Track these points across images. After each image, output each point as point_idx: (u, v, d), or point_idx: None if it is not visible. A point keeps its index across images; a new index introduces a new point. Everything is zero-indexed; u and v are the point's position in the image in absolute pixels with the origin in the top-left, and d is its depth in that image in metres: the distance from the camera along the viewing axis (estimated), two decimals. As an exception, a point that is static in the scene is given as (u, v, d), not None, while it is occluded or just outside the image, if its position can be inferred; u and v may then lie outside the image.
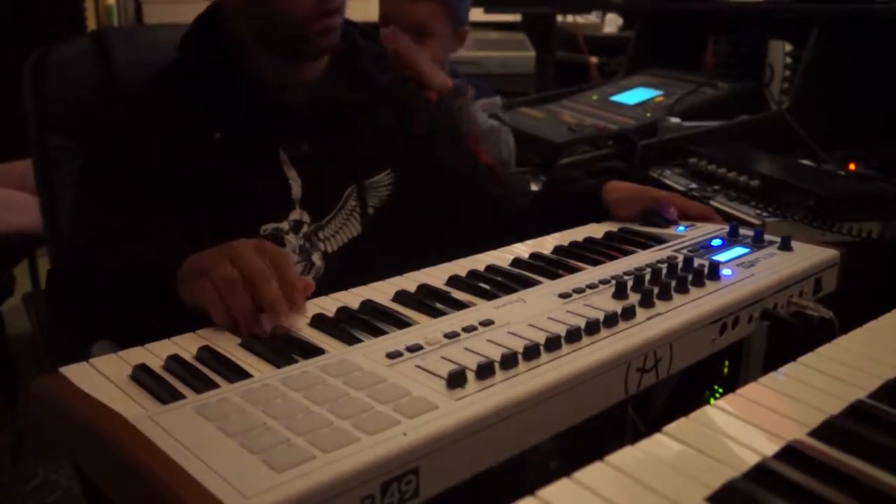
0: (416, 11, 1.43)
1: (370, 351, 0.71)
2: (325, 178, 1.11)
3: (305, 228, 1.09)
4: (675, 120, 1.78)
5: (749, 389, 0.63)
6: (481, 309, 0.82)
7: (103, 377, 0.68)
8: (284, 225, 1.08)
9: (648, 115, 1.89)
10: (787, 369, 0.68)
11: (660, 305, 0.82)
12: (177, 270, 0.86)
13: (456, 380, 0.64)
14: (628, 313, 0.79)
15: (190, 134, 1.05)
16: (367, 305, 0.84)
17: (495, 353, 0.69)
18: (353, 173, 1.14)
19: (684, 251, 1.01)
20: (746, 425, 0.58)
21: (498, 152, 1.40)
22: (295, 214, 1.09)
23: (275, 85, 1.11)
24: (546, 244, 1.06)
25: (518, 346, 0.71)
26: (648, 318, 0.79)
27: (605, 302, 0.83)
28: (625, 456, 0.53)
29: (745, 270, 0.93)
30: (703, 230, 1.11)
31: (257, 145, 1.08)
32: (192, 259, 0.85)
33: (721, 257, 0.98)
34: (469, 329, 0.76)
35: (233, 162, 1.06)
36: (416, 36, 1.44)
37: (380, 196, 1.16)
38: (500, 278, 0.92)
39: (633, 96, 2.08)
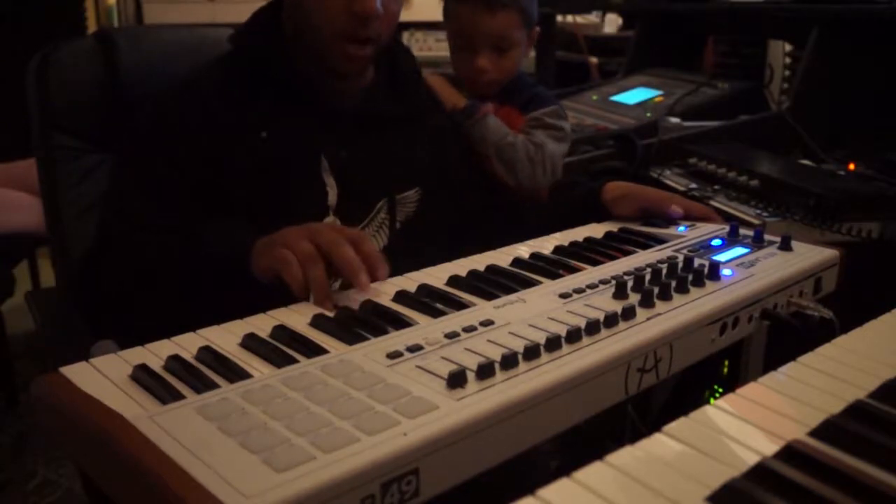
0: (496, 23, 1.39)
1: (370, 351, 0.71)
2: (360, 188, 1.12)
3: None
4: (675, 120, 1.78)
5: (749, 389, 0.63)
6: (481, 309, 0.82)
7: (103, 377, 0.68)
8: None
9: (648, 115, 1.89)
10: (787, 369, 0.68)
11: (660, 305, 0.82)
12: (235, 250, 0.90)
13: (456, 380, 0.64)
14: (628, 313, 0.79)
15: (237, 130, 1.06)
16: (367, 305, 0.84)
17: (495, 354, 0.69)
18: (387, 187, 1.15)
19: (684, 251, 1.01)
20: (746, 425, 0.58)
21: (512, 170, 1.37)
22: (328, 220, 1.09)
23: (322, 90, 1.11)
24: (546, 244, 1.06)
25: (518, 346, 0.71)
26: (648, 319, 0.79)
27: (605, 302, 0.84)
28: (625, 456, 0.53)
29: (745, 270, 0.93)
30: (703, 230, 1.11)
31: (301, 148, 1.08)
32: (267, 238, 0.89)
33: (721, 257, 0.98)
34: (469, 329, 0.76)
35: (275, 162, 1.06)
36: (496, 49, 1.43)
37: (407, 212, 1.17)
38: (500, 278, 0.92)
39: (633, 96, 2.08)
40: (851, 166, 1.56)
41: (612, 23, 3.45)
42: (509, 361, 0.68)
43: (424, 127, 1.22)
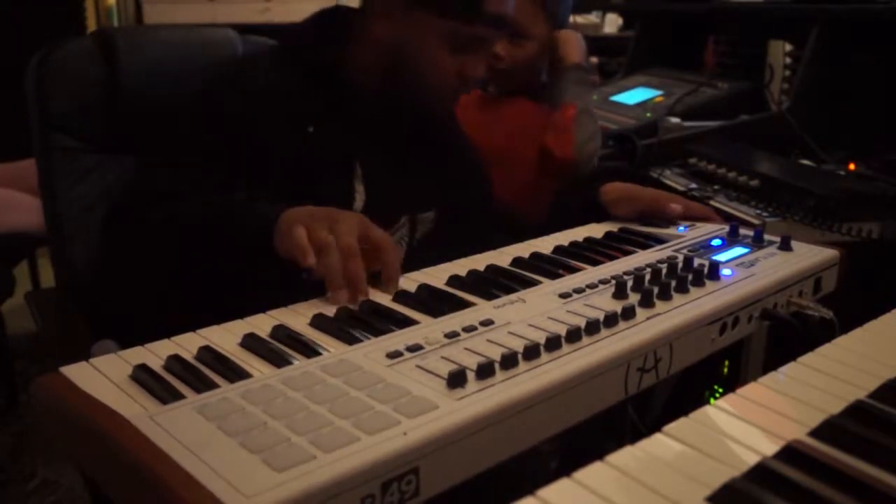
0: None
1: (370, 351, 0.71)
2: (386, 201, 1.13)
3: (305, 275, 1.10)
4: (675, 120, 1.78)
5: (749, 389, 0.64)
6: (481, 309, 0.82)
7: (103, 377, 0.68)
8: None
9: (648, 115, 1.89)
10: (787, 369, 0.68)
11: (660, 305, 0.82)
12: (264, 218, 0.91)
13: (456, 380, 0.64)
14: (628, 313, 0.79)
15: (285, 120, 1.08)
16: (367, 305, 0.84)
17: (495, 353, 0.69)
18: (410, 205, 1.17)
19: (684, 251, 1.01)
20: (746, 425, 0.58)
21: (582, 133, 1.42)
22: None
23: (368, 100, 1.14)
24: (546, 244, 1.06)
25: (518, 346, 0.71)
26: (648, 318, 0.79)
27: (605, 302, 0.83)
28: (625, 456, 0.53)
29: (745, 270, 0.93)
30: (703, 230, 1.11)
31: (340, 150, 1.10)
32: (294, 212, 0.89)
33: (721, 257, 0.98)
34: (469, 329, 0.76)
35: (313, 159, 1.08)
36: (512, 35, 1.45)
37: (424, 231, 1.19)
38: (500, 278, 0.92)
39: (633, 96, 2.08)
40: (851, 166, 1.56)
41: (612, 23, 3.45)
42: (509, 361, 0.68)
43: (450, 148, 1.25)
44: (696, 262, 0.93)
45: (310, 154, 1.08)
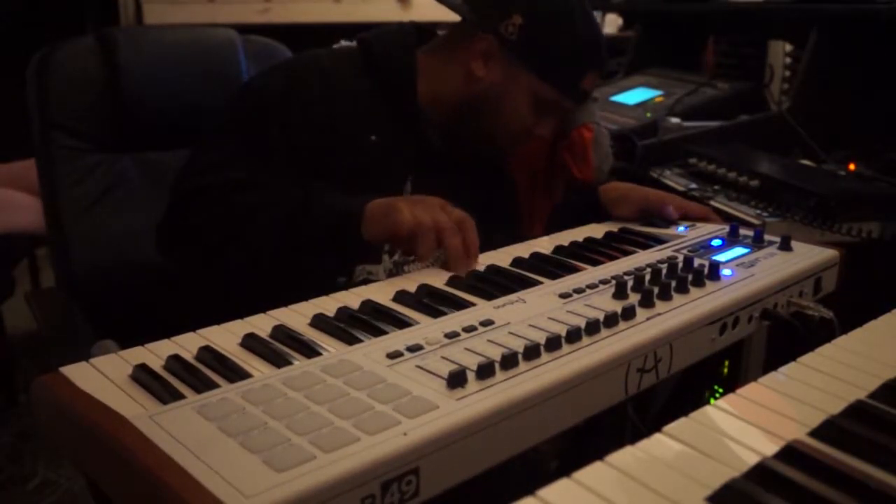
0: None
1: (370, 351, 0.71)
2: None
3: (397, 256, 1.13)
4: (675, 120, 1.78)
5: (749, 389, 0.63)
6: (481, 309, 0.82)
7: (103, 377, 0.68)
8: (385, 245, 1.11)
9: (648, 115, 1.89)
10: (787, 369, 0.68)
11: (660, 305, 0.82)
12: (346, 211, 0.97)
13: (456, 380, 0.64)
14: (628, 313, 0.79)
15: (352, 124, 1.12)
16: (367, 305, 0.84)
17: (495, 353, 0.69)
18: None
19: (684, 251, 1.01)
20: (746, 425, 0.58)
21: (597, 153, 1.43)
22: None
23: (435, 123, 1.17)
24: (546, 244, 1.06)
25: (518, 346, 0.71)
26: (648, 318, 0.79)
27: (605, 302, 0.84)
28: (625, 456, 0.53)
29: (745, 270, 0.93)
30: (703, 230, 1.11)
31: (396, 164, 1.14)
32: (381, 202, 0.96)
33: (721, 257, 0.98)
34: (469, 329, 0.76)
35: (370, 167, 1.11)
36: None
37: None
38: (500, 278, 0.92)
39: (633, 96, 2.07)
40: (851, 166, 1.56)
41: (612, 23, 3.45)
42: (509, 361, 0.68)
43: (496, 189, 1.29)
44: (697, 262, 0.93)
45: (368, 162, 1.11)
